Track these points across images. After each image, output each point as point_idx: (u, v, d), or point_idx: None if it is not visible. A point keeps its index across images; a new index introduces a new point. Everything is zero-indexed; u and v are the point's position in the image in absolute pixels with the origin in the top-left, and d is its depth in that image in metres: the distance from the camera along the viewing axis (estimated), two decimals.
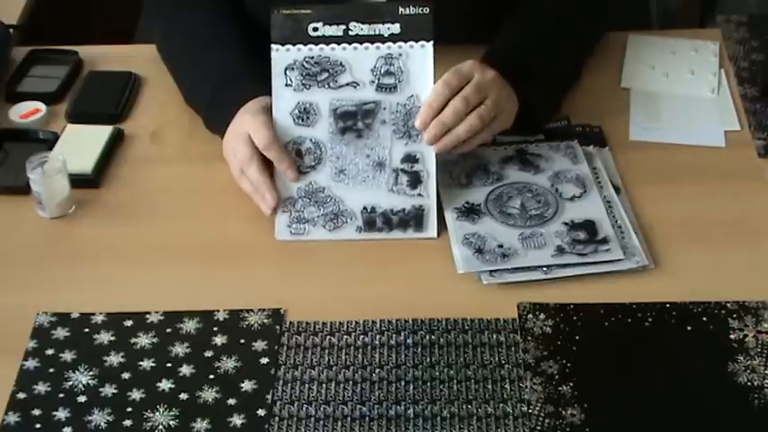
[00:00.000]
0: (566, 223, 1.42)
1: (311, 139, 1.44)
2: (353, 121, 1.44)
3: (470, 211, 1.44)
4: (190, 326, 1.32)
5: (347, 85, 1.44)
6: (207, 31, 1.60)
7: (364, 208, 1.43)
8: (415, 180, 1.43)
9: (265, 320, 1.32)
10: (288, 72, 1.44)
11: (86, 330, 1.32)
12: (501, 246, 1.39)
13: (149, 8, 1.73)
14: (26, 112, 1.63)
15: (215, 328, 1.31)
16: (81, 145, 1.55)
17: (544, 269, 1.36)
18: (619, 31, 1.73)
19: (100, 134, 1.57)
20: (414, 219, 1.42)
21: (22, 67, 1.72)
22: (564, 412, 1.21)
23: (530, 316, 1.31)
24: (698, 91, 1.64)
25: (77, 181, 1.49)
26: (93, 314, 1.34)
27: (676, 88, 1.65)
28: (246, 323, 1.32)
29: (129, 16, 1.92)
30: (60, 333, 1.32)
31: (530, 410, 1.21)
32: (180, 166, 1.55)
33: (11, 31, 1.77)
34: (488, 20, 1.60)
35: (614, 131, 1.57)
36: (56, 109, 1.64)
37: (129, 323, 1.32)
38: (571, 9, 1.62)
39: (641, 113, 1.61)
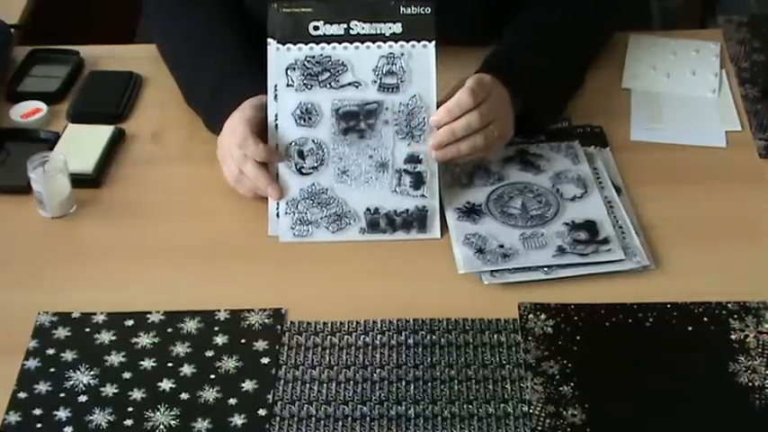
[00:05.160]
0: (566, 223, 1.42)
1: (313, 140, 1.43)
2: (356, 122, 1.43)
3: (471, 212, 1.44)
4: (191, 326, 1.32)
5: (349, 84, 1.44)
6: (205, 32, 1.60)
7: (367, 209, 1.43)
8: (419, 181, 1.43)
9: (266, 320, 1.32)
10: (289, 72, 1.44)
11: (87, 330, 1.32)
12: (502, 246, 1.39)
13: (149, 8, 1.73)
14: (27, 112, 1.63)
15: (216, 328, 1.31)
16: (82, 145, 1.55)
17: (545, 269, 1.36)
18: (620, 32, 1.73)
19: (101, 134, 1.57)
20: (417, 220, 1.42)
21: (23, 67, 1.72)
22: (565, 412, 1.21)
23: (530, 316, 1.31)
24: (699, 91, 1.64)
25: (78, 180, 1.49)
26: (94, 314, 1.34)
27: (677, 89, 1.65)
28: (247, 323, 1.32)
29: (131, 16, 1.93)
30: (61, 333, 1.32)
31: (531, 411, 1.21)
32: (181, 165, 1.55)
33: (12, 30, 1.77)
34: (494, 19, 1.60)
35: (615, 132, 1.57)
36: (57, 109, 1.64)
37: (129, 323, 1.32)
38: (576, 13, 1.62)
39: (642, 114, 1.61)
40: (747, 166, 1.52)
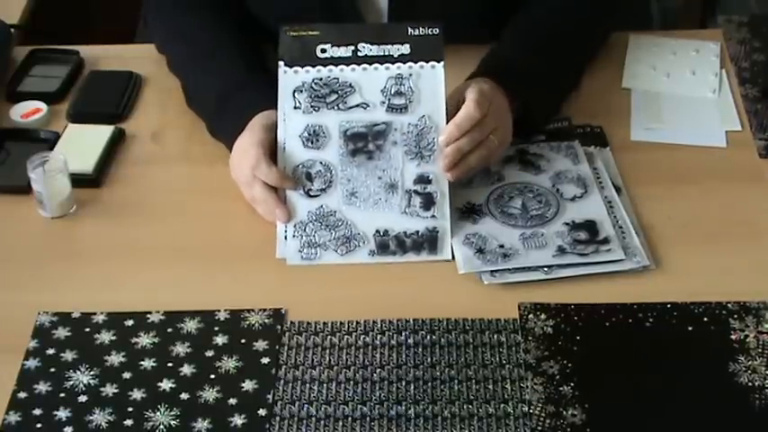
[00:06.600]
0: (567, 223, 1.42)
1: (321, 162, 1.42)
2: (364, 143, 1.42)
3: (471, 212, 1.44)
4: (191, 326, 1.32)
5: (357, 106, 1.43)
6: (207, 37, 1.59)
7: (377, 231, 1.41)
8: (428, 201, 1.41)
9: (266, 320, 1.32)
10: (296, 94, 1.43)
11: (87, 330, 1.32)
12: (502, 246, 1.39)
13: (148, 10, 1.72)
14: (27, 112, 1.63)
15: (216, 328, 1.31)
16: (82, 145, 1.55)
17: (545, 269, 1.36)
18: (620, 32, 1.73)
19: (101, 134, 1.57)
20: (427, 241, 1.40)
21: (24, 67, 1.72)
22: (565, 412, 1.21)
23: (531, 316, 1.31)
24: (699, 91, 1.64)
25: (78, 180, 1.49)
26: (94, 314, 1.34)
27: (677, 89, 1.65)
28: (247, 323, 1.32)
29: (131, 16, 1.92)
30: (61, 333, 1.32)
31: (531, 411, 1.21)
32: (181, 165, 1.55)
33: (12, 30, 1.77)
34: (498, 27, 1.60)
35: (615, 132, 1.57)
36: (57, 109, 1.64)
37: (129, 323, 1.32)
38: (574, 15, 1.61)
39: (642, 114, 1.61)
40: (747, 166, 1.52)
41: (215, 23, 1.61)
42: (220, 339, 1.30)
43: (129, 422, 1.22)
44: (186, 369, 1.27)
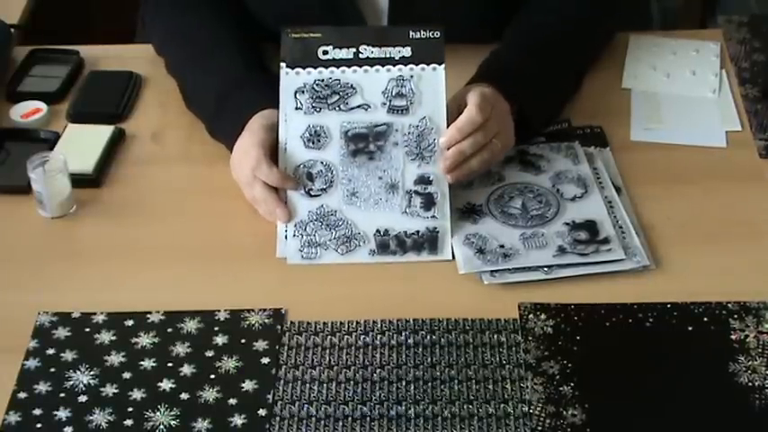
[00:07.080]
0: (567, 223, 1.42)
1: (322, 162, 1.42)
2: (365, 144, 1.43)
3: (472, 212, 1.44)
4: (191, 326, 1.32)
5: (358, 107, 1.43)
6: (205, 35, 1.59)
7: (377, 231, 1.41)
8: (429, 202, 1.41)
9: (266, 320, 1.32)
10: (298, 95, 1.43)
11: (87, 330, 1.32)
12: (502, 246, 1.39)
13: (146, 11, 1.72)
14: (27, 112, 1.63)
15: (216, 328, 1.31)
16: (82, 145, 1.55)
17: (545, 269, 1.36)
18: (620, 32, 1.73)
19: (101, 134, 1.57)
20: (428, 241, 1.40)
21: (23, 67, 1.72)
22: (565, 412, 1.21)
23: (531, 316, 1.31)
24: (699, 91, 1.64)
25: (78, 180, 1.49)
26: (94, 314, 1.34)
27: (677, 89, 1.65)
28: (247, 323, 1.32)
29: (130, 16, 1.92)
30: (61, 333, 1.32)
31: (531, 411, 1.21)
32: (181, 165, 1.55)
33: (12, 30, 1.77)
34: (499, 27, 1.60)
35: (615, 132, 1.57)
36: (57, 109, 1.64)
37: (129, 323, 1.32)
38: (574, 17, 1.61)
39: (642, 114, 1.61)
40: (747, 166, 1.52)
41: (213, 21, 1.61)
42: (220, 339, 1.30)
43: (129, 422, 1.22)
44: (186, 369, 1.27)
